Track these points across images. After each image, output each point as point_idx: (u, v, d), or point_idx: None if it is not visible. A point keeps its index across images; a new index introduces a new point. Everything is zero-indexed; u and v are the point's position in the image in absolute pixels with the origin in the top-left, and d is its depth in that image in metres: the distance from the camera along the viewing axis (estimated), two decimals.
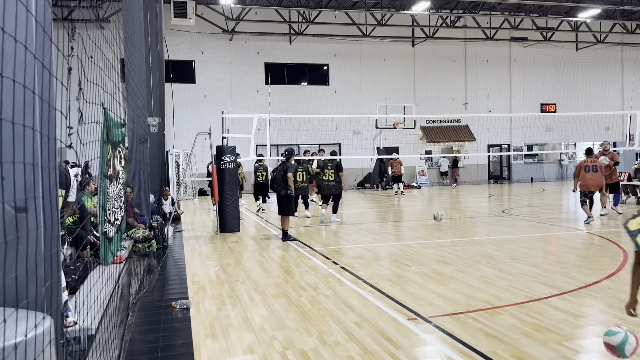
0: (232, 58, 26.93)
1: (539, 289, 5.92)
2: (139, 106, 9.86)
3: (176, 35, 24.97)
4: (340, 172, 12.38)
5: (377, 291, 6.01)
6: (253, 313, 5.28)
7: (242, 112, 15.85)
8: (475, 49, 30.16)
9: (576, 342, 4.25)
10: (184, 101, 24.58)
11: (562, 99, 31.26)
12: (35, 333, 1.52)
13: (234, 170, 11.76)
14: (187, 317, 5.21)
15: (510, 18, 27.85)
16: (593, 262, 7.38)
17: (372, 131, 26.63)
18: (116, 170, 5.18)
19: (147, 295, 6.15)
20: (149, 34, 12.44)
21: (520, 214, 13.79)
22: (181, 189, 18.69)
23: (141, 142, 10.00)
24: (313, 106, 26.73)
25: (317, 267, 7.50)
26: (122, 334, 4.54)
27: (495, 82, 30.72)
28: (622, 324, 4.66)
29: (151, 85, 12.65)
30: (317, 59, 28.09)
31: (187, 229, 12.46)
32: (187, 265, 7.93)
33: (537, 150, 29.93)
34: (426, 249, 8.74)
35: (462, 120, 29.57)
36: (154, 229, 9.34)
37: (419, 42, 29.19)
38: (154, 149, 12.53)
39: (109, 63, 3.65)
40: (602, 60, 32.00)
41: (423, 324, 4.79)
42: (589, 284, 6.10)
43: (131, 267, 7.22)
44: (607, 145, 13.46)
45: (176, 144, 20.01)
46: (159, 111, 14.55)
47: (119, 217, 5.64)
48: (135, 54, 9.61)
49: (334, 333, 4.59)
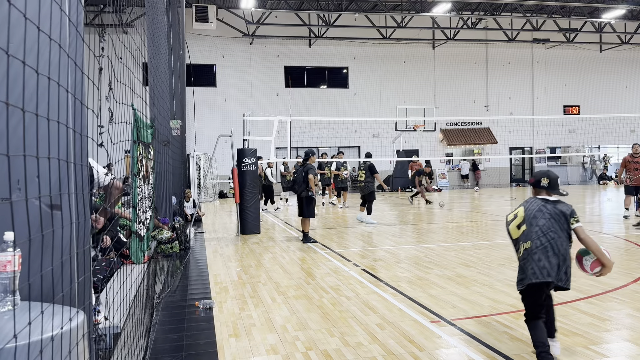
0: (252, 61, 27.13)
1: (564, 292, 5.82)
2: (163, 109, 9.99)
3: (197, 39, 25.26)
4: (375, 173, 12.70)
5: (399, 293, 5.99)
6: (275, 314, 5.31)
7: (262, 115, 15.94)
8: (497, 50, 29.89)
9: (603, 346, 4.18)
10: (205, 104, 24.87)
11: (586, 100, 30.79)
12: (70, 326, 1.56)
13: (255, 172, 11.83)
14: (210, 317, 5.26)
15: (532, 19, 27.54)
16: (619, 266, 7.24)
17: (392, 134, 26.55)
18: (147, 171, 5.26)
19: (170, 295, 6.22)
20: (172, 39, 12.61)
21: None
22: (202, 191, 18.86)
23: (164, 144, 10.12)
24: (332, 109, 26.79)
25: (338, 269, 7.50)
26: (148, 333, 4.60)
27: (517, 84, 30.39)
28: None
29: (173, 88, 12.81)
30: (336, 62, 28.14)
31: (208, 230, 12.57)
32: (209, 266, 8.00)
33: (560, 153, 29.50)
34: (448, 252, 8.67)
35: (483, 122, 29.32)
36: (176, 230, 9.45)
37: (439, 44, 29.04)
38: (176, 152, 12.68)
39: (137, 65, 3.72)
40: (627, 61, 31.44)
41: (446, 326, 4.76)
42: (615, 287, 5.99)
43: (155, 267, 7.31)
44: (637, 147, 13.17)
45: (197, 147, 20.25)
46: (180, 114, 14.72)
47: (148, 216, 5.72)
48: (159, 58, 9.74)
49: (357, 334, 4.59)
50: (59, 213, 2.01)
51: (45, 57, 1.76)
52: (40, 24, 1.74)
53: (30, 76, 1.69)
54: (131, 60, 3.68)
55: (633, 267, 7.08)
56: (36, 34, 1.67)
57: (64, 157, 1.87)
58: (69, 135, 1.93)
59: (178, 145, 13.38)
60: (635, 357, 3.93)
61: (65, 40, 1.92)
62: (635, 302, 5.36)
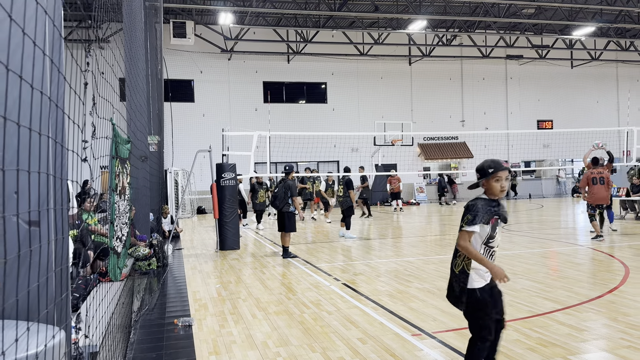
0: (230, 77, 27.13)
1: (542, 303, 5.91)
2: (140, 124, 9.91)
3: (175, 54, 25.19)
4: (351, 189, 12.69)
5: (379, 307, 5.99)
6: (256, 330, 5.26)
7: (241, 130, 15.94)
8: (472, 67, 30.47)
9: (581, 356, 4.24)
10: (183, 120, 24.72)
11: (559, 115, 31.52)
12: (52, 344, 1.53)
13: (234, 187, 11.78)
14: (190, 335, 5.18)
15: (505, 36, 28.19)
16: (595, 277, 7.38)
17: (370, 148, 26.74)
18: (124, 186, 5.19)
19: (148, 313, 6.11)
20: (149, 54, 12.55)
21: (520, 230, 13.80)
22: (180, 207, 18.68)
23: (142, 160, 10.02)
24: (311, 124, 26.89)
25: (318, 284, 7.48)
26: (125, 352, 4.51)
27: (492, 100, 30.97)
28: (625, 337, 4.66)
29: (151, 104, 12.72)
30: (315, 77, 28.32)
31: (186, 246, 12.43)
32: (188, 283, 7.90)
33: (534, 167, 30.06)
34: (427, 265, 8.72)
35: (459, 137, 29.75)
36: (153, 247, 9.32)
37: (415, 60, 29.48)
38: (154, 167, 12.56)
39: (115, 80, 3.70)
40: (598, 77, 32.34)
41: (427, 339, 4.77)
42: (591, 298, 6.10)
43: (132, 284, 7.19)
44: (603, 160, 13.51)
45: (175, 163, 20.06)
46: (158, 130, 14.61)
47: (125, 233, 5.63)
48: (136, 73, 9.68)
49: (339, 349, 4.57)
50: (38, 230, 1.97)
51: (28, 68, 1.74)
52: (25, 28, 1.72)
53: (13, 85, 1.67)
54: (110, 75, 3.65)
55: (608, 278, 7.22)
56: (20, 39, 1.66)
57: (45, 170, 1.85)
58: (51, 148, 1.90)
59: (156, 160, 13.25)
60: None
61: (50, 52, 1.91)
62: (611, 312, 5.46)
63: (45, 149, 1.87)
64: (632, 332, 4.76)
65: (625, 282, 6.91)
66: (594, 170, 11.40)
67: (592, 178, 11.29)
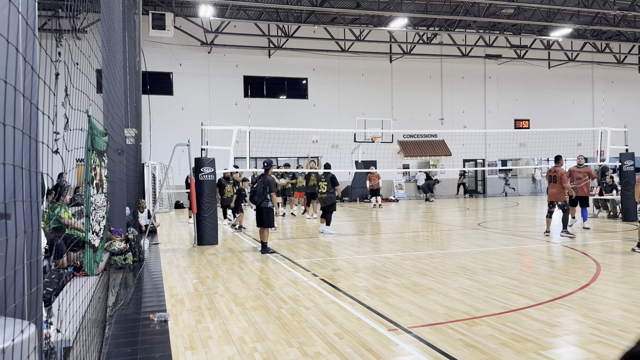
0: (210, 70, 26.90)
1: (515, 299, 6.02)
2: (117, 117, 9.76)
3: (154, 46, 24.86)
4: (337, 185, 12.70)
5: (357, 303, 6.03)
6: (233, 325, 5.24)
7: (220, 124, 15.80)
8: (451, 65, 30.73)
9: (552, 351, 4.33)
10: (161, 113, 24.42)
11: (535, 115, 32.00)
12: (21, 339, 1.50)
13: (213, 182, 11.70)
14: (165, 330, 5.14)
15: (485, 36, 28.48)
16: (567, 274, 7.53)
17: (351, 145, 26.80)
18: (101, 180, 5.12)
19: (124, 308, 6.05)
20: (127, 45, 12.36)
21: (495, 227, 14.00)
22: (157, 201, 18.47)
23: (118, 153, 9.88)
24: (292, 119, 26.82)
25: (297, 280, 7.48)
26: (100, 347, 4.45)
27: (471, 99, 31.30)
28: (595, 333, 4.77)
29: (128, 96, 12.53)
30: (296, 73, 28.25)
31: (163, 241, 12.31)
32: (164, 278, 7.83)
33: (511, 165, 30.49)
34: (404, 261, 8.80)
35: (438, 135, 30.01)
36: (129, 242, 9.21)
37: (396, 58, 29.61)
38: (131, 161, 12.39)
39: (92, 71, 3.63)
40: (574, 78, 32.92)
41: (403, 334, 4.82)
42: (563, 294, 6.22)
43: (108, 279, 7.10)
44: (581, 159, 13.79)
45: (153, 156, 19.82)
46: (135, 123, 14.40)
47: (102, 227, 5.55)
48: (114, 65, 9.53)
49: (315, 344, 4.58)
50: (5, 222, 1.93)
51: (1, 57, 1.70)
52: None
53: None
54: (86, 67, 3.59)
55: (580, 275, 7.37)
56: None
57: (19, 163, 1.81)
58: (22, 140, 1.86)
59: (133, 154, 13.07)
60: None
61: (20, 43, 1.86)
62: (582, 309, 5.58)
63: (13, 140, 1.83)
64: (602, 328, 4.87)
65: (597, 279, 7.07)
66: (550, 168, 11.95)
67: (548, 176, 11.92)
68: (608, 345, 4.40)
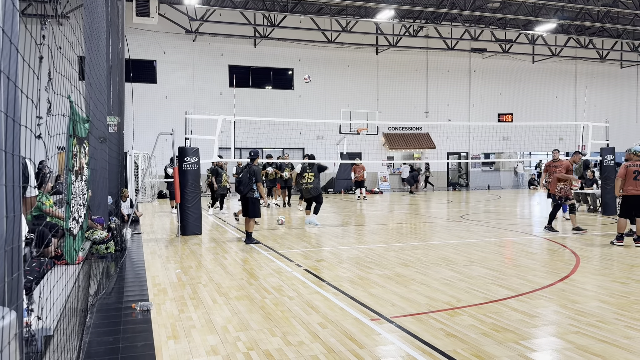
0: (195, 59, 26.64)
1: (496, 290, 6.10)
2: (100, 104, 9.63)
3: (137, 34, 24.52)
4: (325, 169, 12.84)
5: (340, 293, 6.06)
6: (216, 315, 5.23)
7: (205, 113, 15.68)
8: (437, 58, 30.84)
9: (532, 341, 4.40)
10: (145, 101, 24.13)
11: (519, 109, 32.31)
12: (2, 325, 1.48)
13: (197, 172, 11.63)
14: (148, 319, 5.12)
15: (470, 29, 28.61)
16: (547, 266, 7.65)
17: (336, 136, 26.78)
18: (82, 167, 5.05)
19: (105, 297, 6.00)
20: (111, 32, 12.17)
21: (477, 220, 14.15)
22: (140, 190, 18.31)
23: (101, 141, 9.76)
24: (277, 110, 26.72)
25: (281, 270, 7.49)
26: (81, 336, 4.42)
27: (455, 92, 31.47)
28: (574, 323, 4.87)
29: (111, 83, 12.36)
30: (282, 63, 28.11)
31: (146, 231, 12.22)
32: (147, 268, 7.78)
33: (494, 159, 30.79)
34: (388, 252, 8.86)
35: (423, 128, 30.15)
36: (112, 231, 9.13)
37: (382, 50, 29.61)
38: (113, 149, 12.25)
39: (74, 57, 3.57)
40: (557, 73, 33.26)
41: (386, 324, 4.86)
42: (543, 286, 6.32)
43: (89, 268, 7.03)
44: (557, 153, 13.98)
45: (135, 145, 19.61)
46: (118, 111, 14.22)
47: (82, 214, 5.49)
48: (97, 51, 9.38)
49: (299, 333, 4.60)
50: None
51: None
52: None
53: None
54: (69, 52, 3.53)
55: (560, 267, 7.50)
56: None
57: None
58: (2, 122, 1.82)
59: (115, 142, 12.92)
60: (561, 351, 4.17)
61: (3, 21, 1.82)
62: (561, 300, 5.68)
63: None
64: (580, 319, 4.97)
65: (576, 271, 7.20)
66: (552, 164, 11.91)
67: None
68: (586, 335, 4.49)
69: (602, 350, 4.12)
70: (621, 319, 4.95)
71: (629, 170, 9.26)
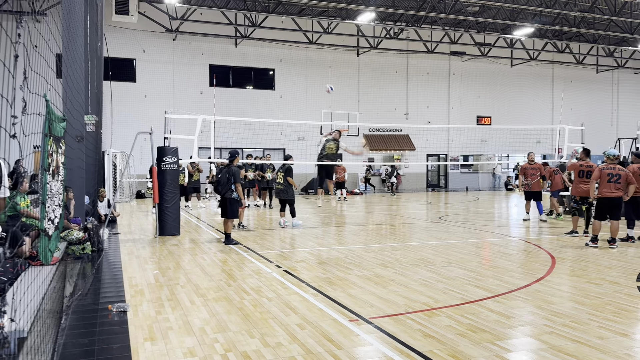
0: (175, 58, 26.40)
1: (473, 291, 6.17)
2: (77, 103, 9.49)
3: (116, 32, 24.21)
4: (289, 177, 12.39)
5: (319, 294, 6.07)
6: (194, 316, 5.20)
7: (185, 113, 15.56)
8: (417, 61, 31.07)
9: (508, 341, 4.46)
10: (123, 100, 23.85)
11: (497, 112, 32.73)
12: None
13: (176, 171, 11.52)
14: (125, 321, 5.06)
15: (450, 33, 28.90)
16: (523, 267, 7.77)
17: (317, 137, 26.76)
18: (58, 166, 4.97)
19: (81, 298, 5.91)
20: (89, 30, 12.00)
21: (456, 221, 14.30)
22: (118, 190, 18.07)
23: (78, 140, 9.61)
24: (258, 110, 26.61)
25: (260, 271, 7.47)
26: (56, 338, 4.35)
27: (435, 94, 31.75)
28: (548, 324, 4.95)
29: (89, 82, 12.19)
30: (263, 63, 28.02)
31: (124, 231, 12.07)
32: (124, 269, 7.69)
33: (472, 161, 31.13)
34: (367, 253, 8.89)
35: (403, 129, 30.33)
36: (88, 231, 8.99)
37: (363, 51, 29.73)
38: (91, 148, 12.08)
39: (51, 55, 3.52)
40: (535, 77, 33.79)
41: (364, 324, 4.89)
42: (519, 287, 6.42)
43: (65, 269, 6.92)
44: (532, 156, 14.31)
45: (114, 144, 19.36)
46: (96, 110, 14.03)
47: (57, 215, 5.40)
48: (74, 49, 9.24)
49: (277, 335, 4.60)
50: None
51: None
52: None
53: None
54: (45, 50, 3.47)
55: (535, 268, 7.62)
56: None
57: None
58: None
59: (93, 141, 12.74)
60: (536, 351, 4.24)
61: None
62: (536, 301, 5.78)
63: None
64: (555, 319, 5.06)
65: (552, 272, 7.32)
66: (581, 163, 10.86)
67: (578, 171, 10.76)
68: (560, 336, 4.57)
69: (576, 350, 4.20)
70: (595, 319, 5.06)
71: (603, 173, 9.45)
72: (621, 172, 9.39)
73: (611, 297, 5.93)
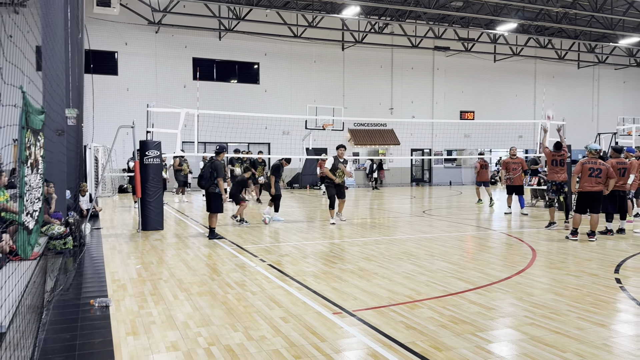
0: (158, 51, 26.12)
1: (455, 284, 6.24)
2: (57, 96, 9.35)
3: (98, 24, 23.86)
4: (274, 174, 12.38)
5: (303, 287, 6.08)
6: (177, 311, 5.18)
7: (168, 106, 15.41)
8: (402, 56, 31.15)
9: (489, 332, 4.53)
10: (105, 93, 23.52)
11: (480, 107, 32.99)
12: None
13: (159, 165, 11.43)
14: (107, 315, 5.02)
15: (434, 28, 29.00)
16: (505, 260, 7.87)
17: (302, 132, 26.76)
18: (36, 159, 4.89)
19: (62, 293, 5.85)
20: (70, 22, 11.81)
21: (439, 215, 14.41)
22: (100, 184, 17.87)
23: (58, 134, 9.48)
24: (242, 104, 26.48)
25: (244, 265, 7.46)
26: (36, 333, 4.30)
27: (419, 89, 31.88)
28: (529, 315, 5.02)
29: (70, 75, 12.00)
30: (247, 56, 27.86)
31: (106, 226, 11.95)
32: (106, 264, 7.62)
33: (455, 155, 31.38)
34: (351, 247, 8.93)
35: (387, 124, 30.44)
36: (70, 226, 8.88)
37: (348, 46, 29.71)
38: (71, 142, 11.91)
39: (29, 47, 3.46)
40: (517, 72, 34.10)
41: (347, 317, 4.91)
42: (501, 279, 6.50)
43: (46, 264, 6.84)
44: (515, 150, 14.51)
45: (95, 138, 19.12)
46: (77, 103, 13.82)
47: (37, 208, 5.32)
48: (54, 42, 9.10)
49: (260, 328, 4.60)
50: None
51: None
52: None
53: None
54: (22, 42, 3.41)
55: (516, 261, 7.72)
56: None
57: None
58: None
59: (74, 135, 12.56)
60: (516, 342, 4.31)
61: None
62: (517, 293, 5.86)
63: None
64: (535, 311, 5.13)
65: (532, 264, 7.43)
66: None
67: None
68: (540, 327, 4.64)
69: (555, 341, 4.28)
70: (574, 310, 5.15)
71: (584, 167, 9.60)
72: (602, 166, 9.54)
73: (590, 288, 6.04)
